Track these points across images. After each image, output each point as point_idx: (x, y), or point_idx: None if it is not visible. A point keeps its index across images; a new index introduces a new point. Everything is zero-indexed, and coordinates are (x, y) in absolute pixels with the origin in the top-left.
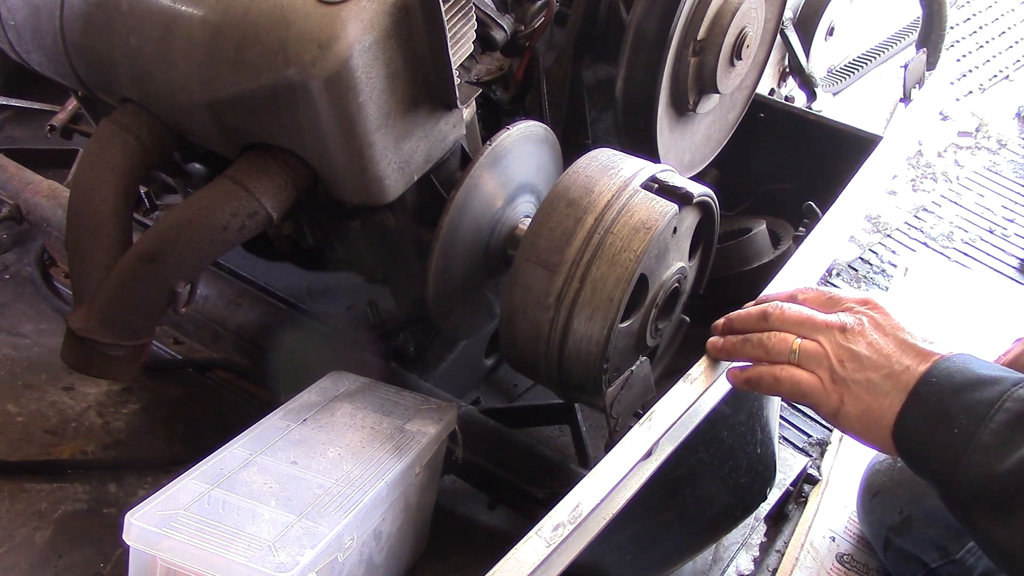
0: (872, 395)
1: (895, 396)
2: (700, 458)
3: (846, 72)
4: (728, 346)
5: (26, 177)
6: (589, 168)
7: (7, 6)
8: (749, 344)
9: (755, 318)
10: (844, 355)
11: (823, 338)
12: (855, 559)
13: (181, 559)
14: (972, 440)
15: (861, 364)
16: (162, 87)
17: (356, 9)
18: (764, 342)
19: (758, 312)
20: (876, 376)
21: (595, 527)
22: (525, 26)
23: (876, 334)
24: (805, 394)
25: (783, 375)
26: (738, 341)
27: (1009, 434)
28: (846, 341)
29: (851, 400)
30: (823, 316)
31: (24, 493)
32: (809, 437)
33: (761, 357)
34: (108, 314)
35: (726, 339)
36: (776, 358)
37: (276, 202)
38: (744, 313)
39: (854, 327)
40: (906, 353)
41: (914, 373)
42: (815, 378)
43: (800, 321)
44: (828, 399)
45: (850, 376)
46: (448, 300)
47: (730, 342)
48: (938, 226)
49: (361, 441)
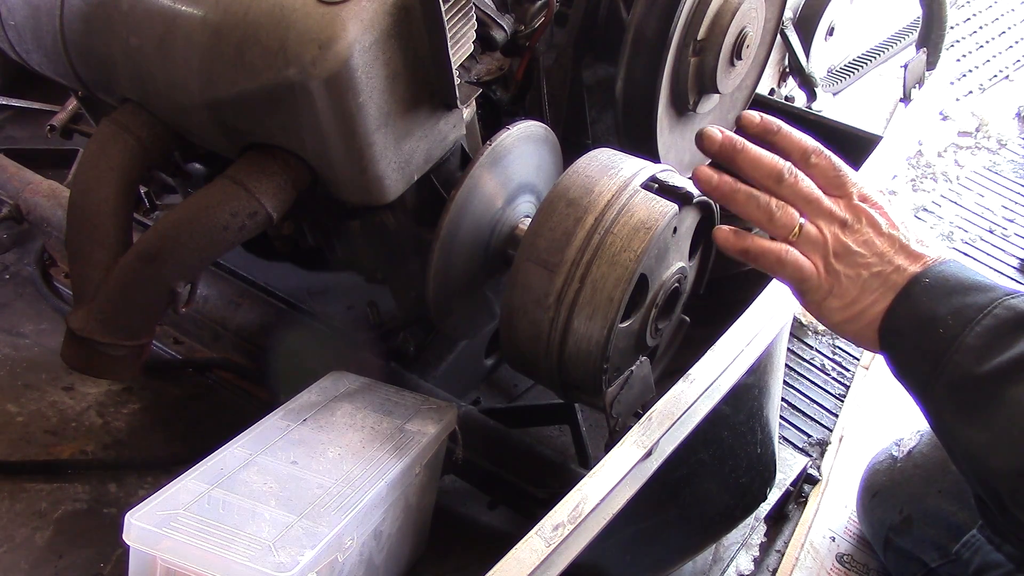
0: (859, 290)
1: (880, 293)
2: (700, 458)
3: (846, 72)
4: (725, 190)
5: (26, 177)
6: (589, 168)
7: (7, 6)
8: (755, 203)
9: (766, 171)
10: (840, 248)
11: (824, 224)
12: (855, 559)
13: (181, 559)
14: (956, 341)
15: (854, 260)
16: (162, 87)
17: (356, 9)
18: (772, 210)
19: (771, 167)
20: (866, 272)
21: (595, 527)
22: (525, 26)
23: (871, 232)
24: (804, 280)
25: (788, 257)
26: (742, 192)
27: (993, 339)
28: (844, 235)
29: (839, 292)
30: (829, 203)
31: (24, 493)
32: (809, 437)
33: (759, 221)
34: (108, 314)
35: (723, 179)
36: (778, 231)
37: (276, 202)
38: (755, 155)
39: (853, 224)
40: (898, 253)
41: (904, 273)
42: (813, 266)
43: (809, 199)
44: (820, 288)
45: (842, 270)
46: (448, 300)
47: (730, 186)
48: (938, 226)
49: (361, 441)
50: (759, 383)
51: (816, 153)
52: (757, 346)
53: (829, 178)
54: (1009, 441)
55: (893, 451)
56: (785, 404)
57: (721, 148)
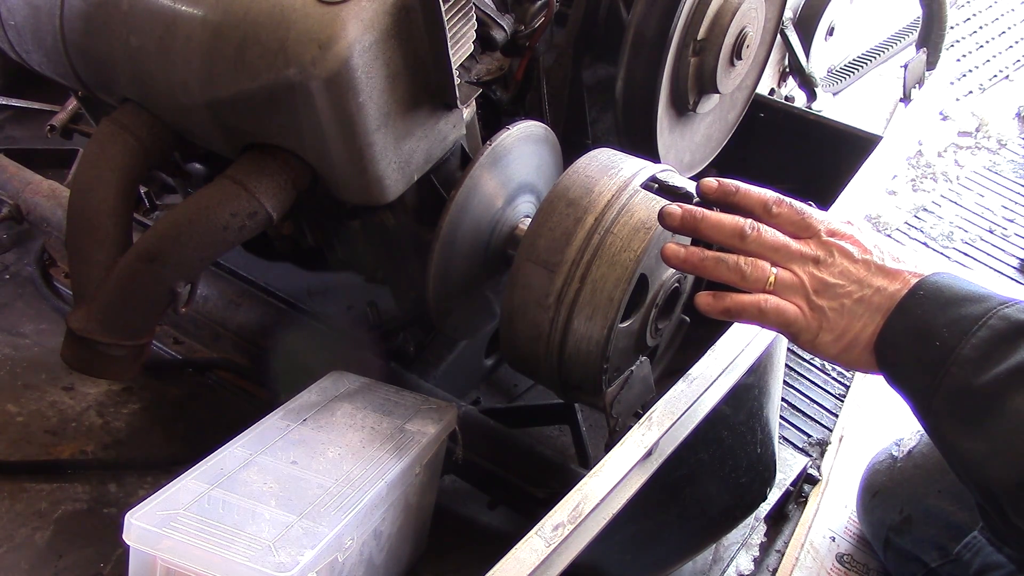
0: (847, 319)
1: (868, 317)
2: (700, 458)
3: (846, 72)
4: (695, 260)
5: (26, 177)
6: (589, 168)
7: (7, 6)
8: (724, 266)
9: (728, 232)
10: (818, 285)
11: (797, 268)
12: (855, 559)
13: (181, 559)
14: (953, 353)
15: (835, 292)
16: (162, 87)
17: (356, 9)
18: (742, 268)
19: (732, 227)
20: (848, 302)
21: (595, 527)
22: (525, 26)
23: (845, 261)
24: (789, 323)
25: (768, 306)
26: (709, 259)
27: (990, 350)
28: (819, 272)
29: (828, 326)
30: (797, 245)
31: (24, 493)
32: (809, 437)
33: (734, 282)
34: (108, 314)
35: (690, 251)
36: (752, 286)
37: (276, 202)
38: (715, 220)
39: (825, 259)
40: (875, 275)
41: (884, 292)
42: (796, 308)
43: (776, 248)
44: (809, 327)
45: (826, 304)
46: (448, 300)
47: (697, 256)
48: (938, 226)
49: (361, 441)
50: (759, 383)
51: (776, 203)
52: (757, 346)
53: (794, 223)
54: (1009, 451)
55: (893, 451)
56: (785, 404)
57: (683, 223)
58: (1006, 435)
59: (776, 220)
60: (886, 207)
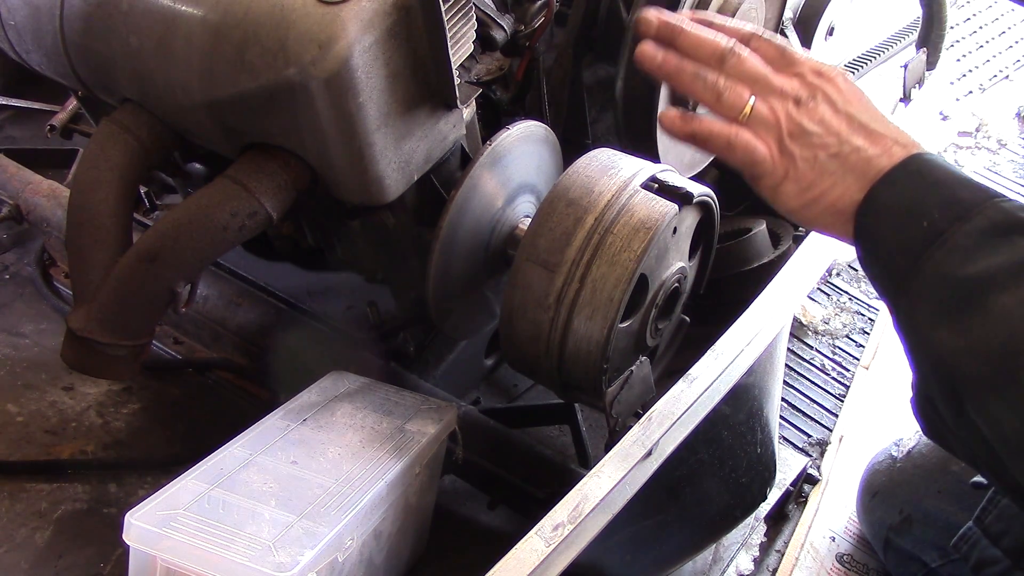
0: (815, 173)
1: (838, 177)
2: (700, 458)
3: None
4: (670, 68)
5: (26, 177)
6: (589, 168)
7: (7, 6)
8: (701, 83)
9: (708, 52)
10: (794, 128)
11: (776, 103)
12: (855, 559)
13: (181, 559)
14: (942, 236)
15: (810, 140)
16: (162, 87)
17: (356, 9)
18: (719, 88)
19: (713, 47)
20: (823, 155)
21: (595, 527)
22: (525, 26)
23: (828, 111)
24: (756, 163)
25: (739, 140)
26: (687, 69)
27: (982, 240)
28: (798, 115)
29: (794, 176)
30: (779, 79)
31: (24, 493)
32: (809, 437)
33: (707, 101)
34: (108, 314)
35: (668, 56)
36: (726, 111)
37: (276, 202)
38: (695, 37)
39: (807, 100)
40: (856, 134)
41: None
42: (766, 148)
43: (757, 77)
44: (774, 172)
45: (798, 152)
46: (448, 300)
47: (674, 64)
48: None
49: (361, 441)
50: (759, 383)
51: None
52: (757, 346)
53: (775, 59)
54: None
55: (893, 451)
56: (785, 404)
57: (659, 33)
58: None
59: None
60: None
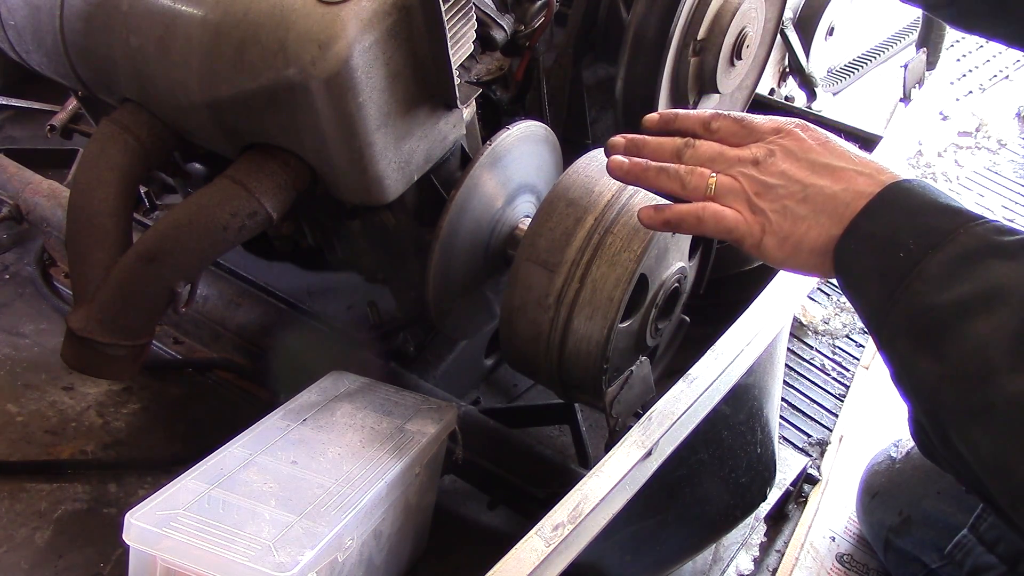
0: (789, 221)
1: (812, 219)
2: (700, 458)
3: (846, 72)
4: (637, 171)
5: (26, 177)
6: (589, 168)
7: (7, 6)
8: (665, 175)
9: (668, 151)
10: (759, 187)
11: (737, 172)
12: (855, 559)
13: (181, 559)
14: (917, 267)
15: (776, 193)
16: (162, 87)
17: (356, 9)
18: (682, 176)
19: (671, 146)
20: (791, 203)
21: (595, 527)
22: (525, 26)
23: (787, 163)
24: (730, 230)
25: (706, 213)
26: (651, 169)
27: (956, 267)
28: (759, 174)
29: (771, 230)
30: (735, 151)
31: (24, 493)
32: (809, 437)
33: (675, 191)
34: (108, 314)
35: (634, 162)
36: (692, 193)
37: (276, 202)
38: (655, 142)
39: (765, 159)
40: (819, 175)
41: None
42: (736, 213)
43: (713, 157)
44: (751, 232)
45: (767, 207)
46: (448, 300)
47: (640, 167)
48: None
49: (361, 441)
50: (759, 383)
51: (714, 118)
52: (757, 346)
53: (736, 133)
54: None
55: (892, 452)
56: (785, 404)
57: (627, 149)
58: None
59: (717, 135)
60: None
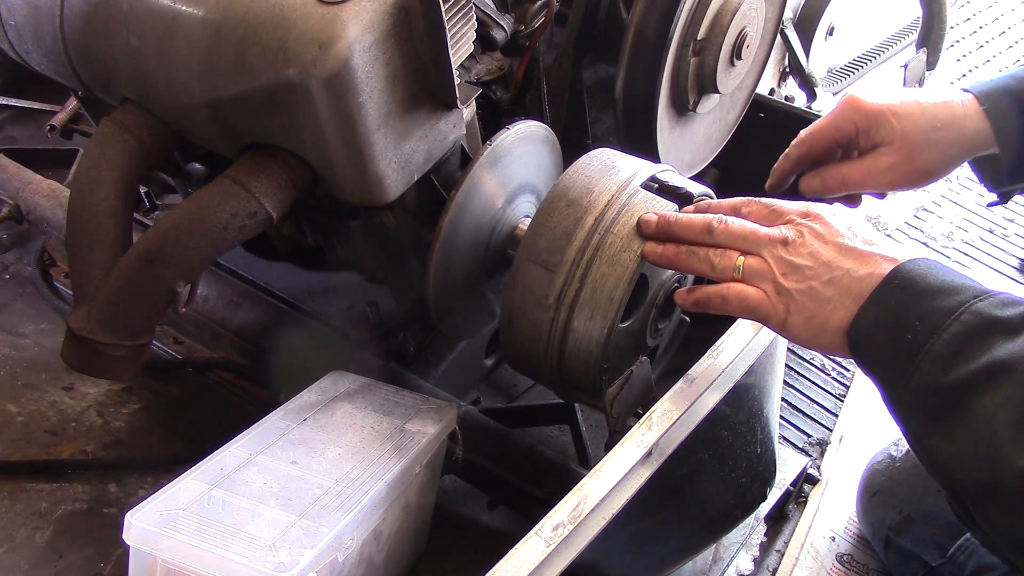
0: (815, 303)
1: (838, 301)
2: (700, 458)
3: (846, 72)
4: (670, 255)
5: (26, 177)
6: (589, 168)
7: (7, 6)
8: (695, 258)
9: (698, 230)
10: (786, 268)
11: (766, 252)
12: (855, 559)
13: (181, 559)
14: (923, 348)
15: (803, 275)
16: (162, 87)
17: (356, 9)
18: (711, 259)
19: (702, 224)
20: (817, 284)
21: (595, 527)
22: (525, 26)
23: (816, 243)
24: (753, 309)
25: (730, 293)
26: (683, 252)
27: (960, 346)
28: (787, 254)
29: (796, 310)
30: (765, 230)
31: (24, 493)
32: (809, 437)
33: (705, 272)
34: (108, 314)
35: (666, 247)
36: (721, 275)
37: (276, 202)
38: (686, 221)
39: (795, 240)
40: (846, 258)
41: (855, 276)
42: (761, 292)
43: (743, 235)
44: (775, 311)
45: (793, 287)
46: (448, 300)
47: (672, 251)
48: (938, 226)
49: (361, 441)
50: (759, 383)
51: (745, 204)
52: (757, 346)
53: (764, 215)
54: (973, 454)
55: (892, 451)
56: (785, 404)
57: (658, 228)
58: (970, 437)
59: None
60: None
